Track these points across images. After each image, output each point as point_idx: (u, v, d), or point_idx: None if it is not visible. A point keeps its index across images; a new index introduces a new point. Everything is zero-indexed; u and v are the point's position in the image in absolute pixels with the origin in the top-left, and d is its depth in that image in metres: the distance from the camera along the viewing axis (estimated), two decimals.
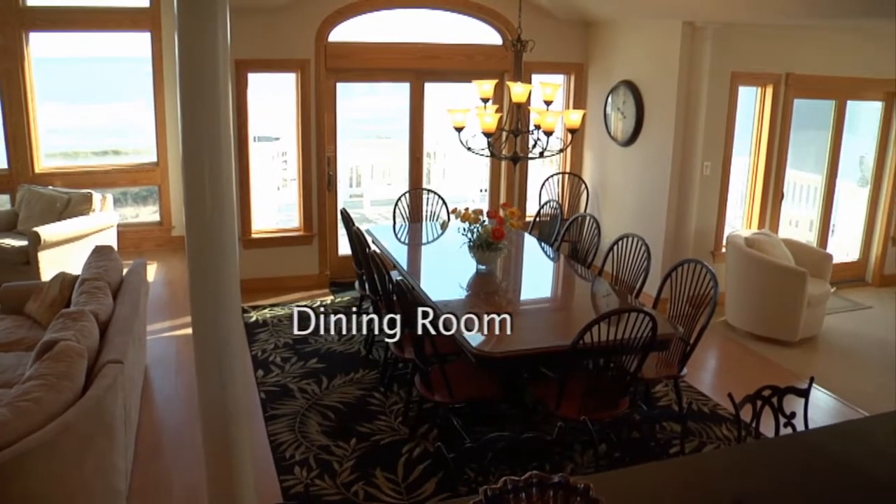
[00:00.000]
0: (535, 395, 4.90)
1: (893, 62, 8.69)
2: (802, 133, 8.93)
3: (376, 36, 8.22)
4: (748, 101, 8.27)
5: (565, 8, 8.38)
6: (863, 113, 9.32)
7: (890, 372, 6.94)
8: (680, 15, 7.35)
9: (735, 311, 7.57)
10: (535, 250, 6.88)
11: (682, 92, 7.57)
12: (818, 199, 9.17)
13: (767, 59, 8.02)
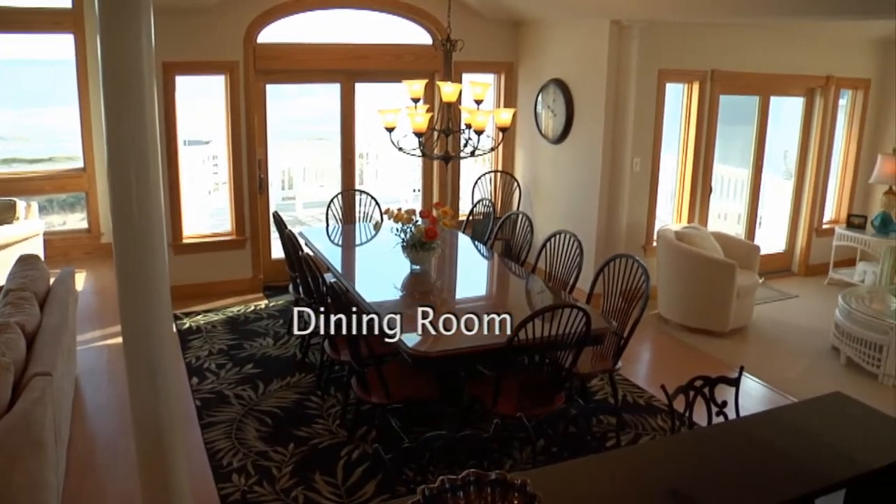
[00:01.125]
0: (472, 394, 4.92)
1: (814, 59, 8.95)
2: (729, 128, 9.12)
3: (306, 37, 8.16)
4: (675, 98, 8.42)
5: (494, 7, 8.42)
6: (786, 108, 9.56)
7: (816, 358, 7.14)
8: (607, 14, 7.44)
9: (667, 304, 7.69)
10: (468, 249, 6.90)
11: (610, 90, 7.66)
12: (745, 193, 9.38)
13: (693, 56, 8.17)
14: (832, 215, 10.03)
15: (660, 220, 8.68)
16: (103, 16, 3.03)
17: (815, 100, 9.35)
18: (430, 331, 4.74)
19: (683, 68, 8.17)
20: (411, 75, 7.01)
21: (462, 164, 9.08)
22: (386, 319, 4.82)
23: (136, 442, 3.51)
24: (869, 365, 6.74)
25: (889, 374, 6.60)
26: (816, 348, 7.35)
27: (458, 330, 4.76)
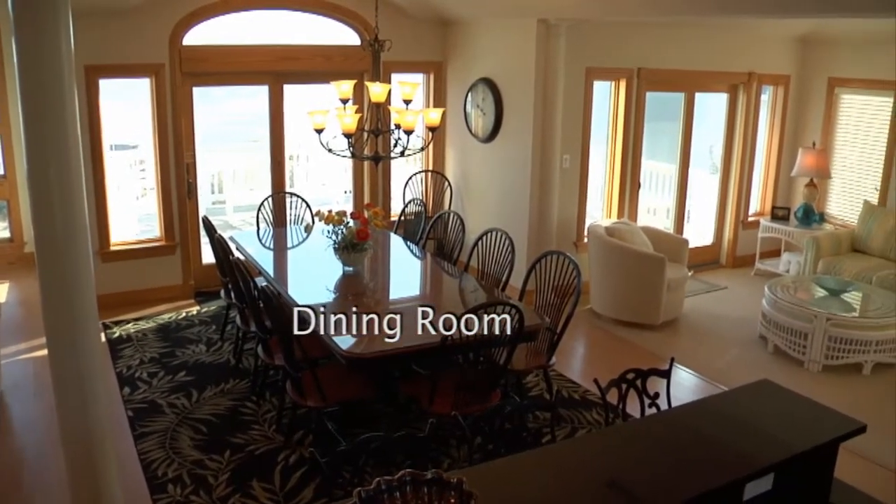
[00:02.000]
0: (408, 394, 4.92)
1: (736, 56, 9.16)
2: (656, 125, 9.27)
3: (233, 38, 8.06)
4: (603, 96, 8.53)
5: (422, 7, 8.43)
6: (710, 104, 9.75)
7: (745, 347, 7.30)
8: (533, 13, 7.51)
9: (599, 299, 7.79)
10: (401, 249, 6.90)
11: (539, 88, 7.73)
12: (673, 188, 9.54)
13: (620, 54, 8.30)
14: (757, 208, 10.26)
15: (590, 216, 8.78)
16: (17, 18, 2.96)
17: (739, 96, 9.56)
18: (364, 332, 4.73)
19: (610, 66, 8.29)
20: (341, 76, 6.97)
21: (393, 164, 9.07)
22: (332, 322, 4.78)
23: (66, 456, 3.44)
24: (795, 352, 6.91)
25: (814, 360, 6.78)
26: (745, 338, 7.51)
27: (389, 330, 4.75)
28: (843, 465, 3.26)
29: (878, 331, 6.72)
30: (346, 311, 5.10)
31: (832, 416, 3.21)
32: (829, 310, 6.84)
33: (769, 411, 3.26)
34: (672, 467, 2.79)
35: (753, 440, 3.00)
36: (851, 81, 9.40)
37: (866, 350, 6.73)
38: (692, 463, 2.82)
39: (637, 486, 2.63)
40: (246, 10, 7.98)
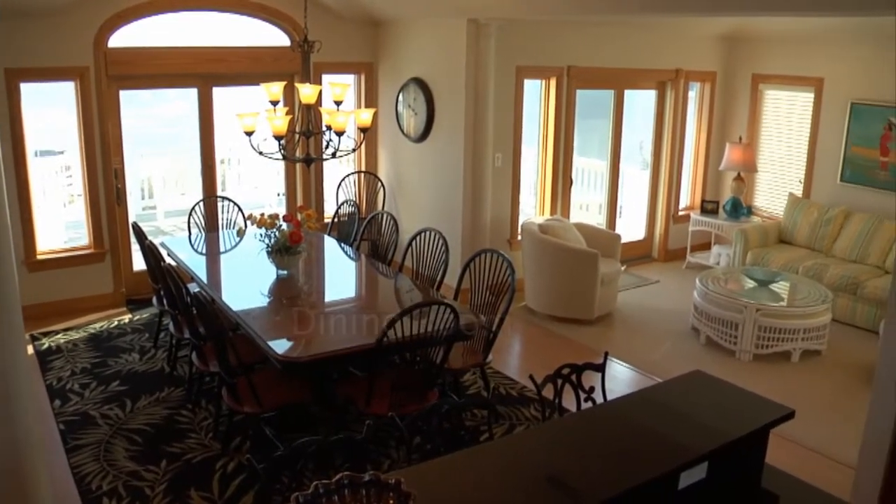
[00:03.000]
0: (345, 396, 4.90)
1: (664, 54, 9.32)
2: (587, 122, 9.39)
3: (160, 40, 7.91)
4: (534, 94, 8.60)
5: (352, 7, 8.39)
6: (639, 101, 9.90)
7: (678, 339, 7.43)
8: (463, 13, 7.53)
9: (534, 296, 7.84)
10: (335, 251, 6.87)
11: (470, 87, 7.76)
12: (605, 184, 9.66)
13: (550, 53, 8.37)
14: (687, 202, 10.45)
15: (524, 213, 8.85)
16: None
17: (667, 92, 9.72)
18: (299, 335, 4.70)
19: (541, 65, 8.35)
20: (271, 77, 6.91)
21: (325, 165, 9.02)
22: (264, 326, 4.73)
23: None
24: (726, 343, 7.05)
25: (745, 350, 6.92)
26: (678, 330, 7.64)
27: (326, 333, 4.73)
28: (774, 450, 3.33)
29: (806, 319, 6.90)
30: (281, 314, 5.05)
31: (762, 404, 3.28)
32: (759, 300, 6.99)
33: (702, 401, 3.32)
34: (609, 459, 2.82)
35: (687, 430, 3.05)
36: (774, 77, 9.64)
37: (794, 338, 6.90)
38: (628, 454, 2.86)
39: (575, 480, 2.65)
40: (172, 11, 7.85)
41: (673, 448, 2.90)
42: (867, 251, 8.23)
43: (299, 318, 5.23)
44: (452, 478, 2.67)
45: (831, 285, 7.80)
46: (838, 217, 8.64)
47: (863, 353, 7.03)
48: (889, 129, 8.43)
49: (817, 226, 8.78)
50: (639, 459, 2.81)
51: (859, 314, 7.80)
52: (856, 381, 6.55)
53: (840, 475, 4.85)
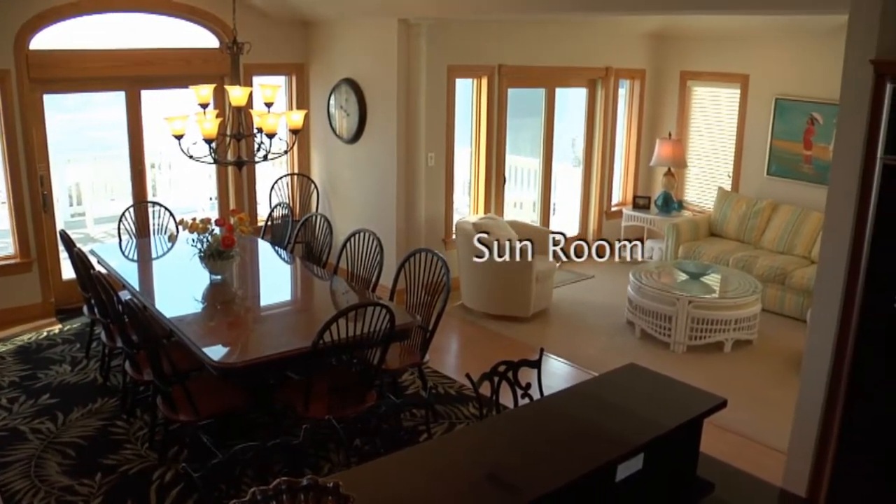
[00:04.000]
0: (283, 400, 4.86)
1: (594, 52, 9.43)
2: (519, 120, 9.45)
3: (86, 43, 7.72)
4: (466, 93, 8.63)
5: (281, 8, 8.32)
6: (571, 98, 10.00)
7: (614, 334, 7.52)
8: (394, 13, 7.52)
9: (470, 294, 7.87)
10: (269, 255, 6.80)
11: (401, 87, 7.75)
12: (538, 181, 9.73)
13: (481, 52, 8.40)
14: (619, 198, 10.59)
15: (458, 212, 8.87)
16: None
17: (597, 90, 9.83)
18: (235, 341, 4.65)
19: (472, 64, 8.38)
20: (200, 80, 6.80)
21: (257, 168, 8.92)
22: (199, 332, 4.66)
23: None
24: (661, 335, 7.16)
25: (679, 341, 7.04)
26: (613, 324, 7.74)
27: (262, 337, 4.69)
28: (709, 438, 3.39)
29: (737, 310, 7.04)
30: (216, 320, 4.99)
31: (696, 394, 3.35)
32: (691, 293, 7.12)
33: (637, 394, 3.37)
34: (547, 454, 2.84)
35: (623, 422, 3.10)
36: (702, 75, 9.83)
37: (726, 329, 7.03)
38: (566, 449, 2.89)
39: (514, 476, 2.67)
40: (97, 12, 7.68)
41: (609, 441, 2.93)
42: (794, 242, 8.44)
43: (234, 324, 5.18)
44: (392, 478, 2.67)
45: (760, 276, 7.98)
46: (766, 210, 8.84)
47: (792, 341, 7.20)
48: (812, 124, 8.66)
49: (746, 218, 8.97)
50: (576, 453, 2.84)
51: (788, 304, 7.99)
52: (786, 368, 6.70)
53: (772, 461, 4.96)
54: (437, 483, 2.66)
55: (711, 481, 3.15)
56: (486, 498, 2.57)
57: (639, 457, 2.90)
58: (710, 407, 3.18)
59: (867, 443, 4.03)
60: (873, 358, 3.93)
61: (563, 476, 2.62)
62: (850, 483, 4.12)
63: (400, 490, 2.60)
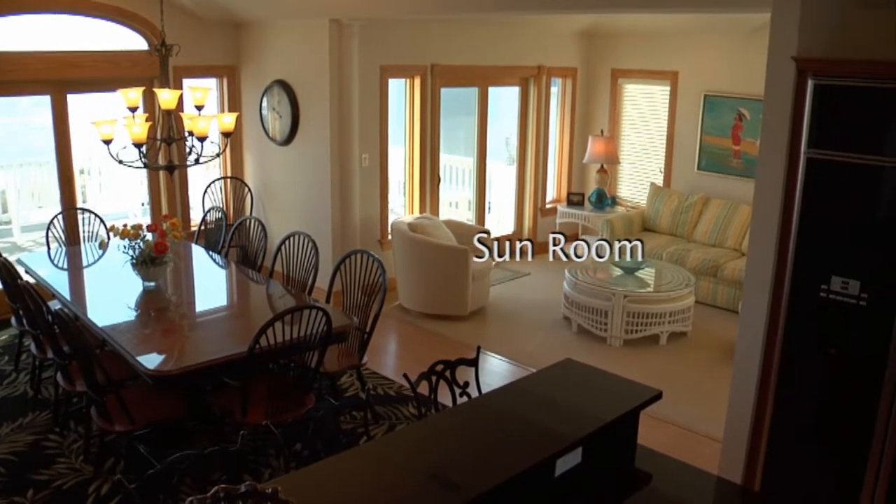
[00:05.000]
0: (221, 407, 4.80)
1: (526, 51, 9.50)
2: (453, 119, 9.47)
3: (7, 45, 7.51)
4: (399, 93, 8.62)
5: (211, 9, 8.21)
6: (504, 97, 10.06)
7: (551, 330, 7.59)
8: (325, 13, 7.48)
9: (407, 294, 7.87)
10: (203, 260, 6.72)
11: (334, 88, 7.72)
12: (472, 180, 9.76)
13: (413, 51, 8.41)
14: (554, 195, 10.68)
15: (394, 213, 8.86)
16: None
17: (530, 88, 9.90)
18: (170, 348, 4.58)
19: (405, 64, 8.38)
20: (129, 83, 6.67)
21: (190, 172, 8.79)
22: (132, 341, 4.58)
23: None
24: (597, 330, 7.25)
25: (615, 336, 7.13)
26: (550, 320, 7.81)
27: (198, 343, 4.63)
28: (647, 430, 3.44)
29: (671, 303, 7.16)
30: (150, 327, 4.92)
31: (632, 387, 3.40)
32: (626, 288, 7.22)
33: (574, 388, 3.41)
34: (486, 452, 2.86)
35: (561, 417, 3.13)
36: (633, 72, 9.97)
37: (661, 322, 7.15)
38: (505, 445, 2.91)
39: (455, 475, 2.68)
40: (19, 13, 7.47)
41: (548, 436, 2.96)
42: (725, 235, 8.61)
43: (169, 331, 5.10)
44: (332, 482, 2.66)
45: (693, 269, 8.12)
46: (697, 204, 9.00)
47: (725, 331, 7.35)
48: (740, 120, 8.84)
49: (678, 213, 9.12)
50: (515, 449, 2.86)
51: (720, 295, 8.15)
52: (720, 359, 6.84)
53: (709, 449, 5.05)
54: (378, 484, 2.66)
55: (649, 472, 3.20)
56: (428, 497, 2.57)
57: (577, 451, 2.93)
58: (646, 399, 3.23)
59: (799, 428, 4.13)
60: (802, 346, 4.04)
61: (503, 473, 2.64)
62: (784, 468, 4.23)
63: (341, 493, 2.59)
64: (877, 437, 3.81)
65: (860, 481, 3.89)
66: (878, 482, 3.84)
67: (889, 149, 3.62)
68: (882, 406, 3.77)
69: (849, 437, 3.92)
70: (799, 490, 4.19)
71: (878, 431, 3.80)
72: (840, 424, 3.96)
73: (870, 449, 3.84)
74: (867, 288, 3.75)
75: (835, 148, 3.75)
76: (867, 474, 3.87)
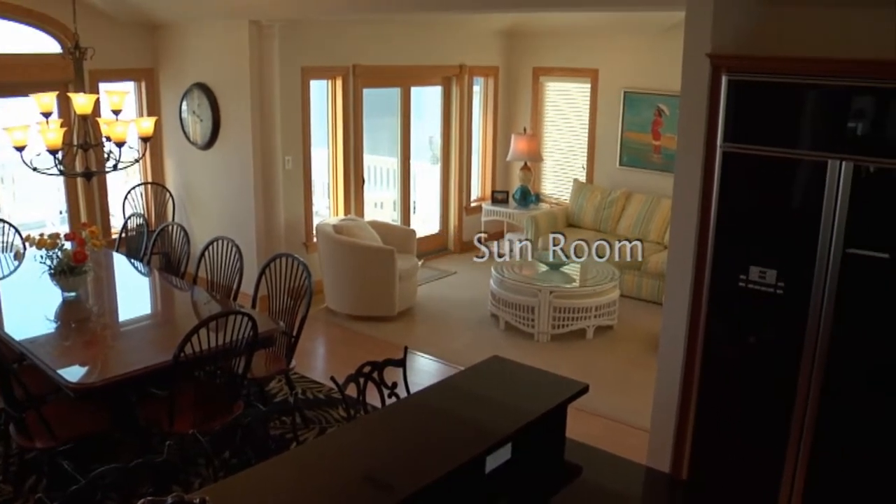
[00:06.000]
0: (148, 418, 4.71)
1: (448, 50, 9.54)
2: (376, 120, 9.45)
3: None
4: (321, 94, 8.57)
5: (126, 10, 8.03)
6: (427, 97, 10.08)
7: (479, 328, 7.63)
8: (244, 14, 7.38)
9: (334, 297, 7.83)
10: (125, 268, 6.58)
11: (255, 90, 7.63)
12: (397, 181, 9.76)
13: (335, 52, 8.37)
14: (478, 193, 10.73)
15: (319, 215, 8.81)
16: None
17: (452, 88, 9.94)
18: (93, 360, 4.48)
19: (326, 65, 8.34)
20: (42, 87, 6.47)
21: (108, 178, 8.59)
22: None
23: None
24: (525, 326, 7.31)
25: (543, 331, 7.20)
26: (478, 318, 7.85)
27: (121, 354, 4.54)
28: (577, 424, 3.49)
29: (597, 297, 7.27)
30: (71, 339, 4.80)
31: (558, 381, 3.44)
32: (552, 283, 7.30)
33: (501, 385, 3.43)
34: (417, 451, 2.86)
35: (490, 414, 3.15)
36: (553, 70, 10.08)
37: (587, 316, 7.25)
38: (435, 444, 2.91)
39: (385, 475, 2.67)
40: None
41: (477, 433, 2.98)
42: (648, 229, 8.77)
43: (91, 342, 4.99)
44: (262, 488, 2.63)
45: (618, 263, 8.24)
46: (620, 199, 9.15)
47: (650, 324, 7.46)
48: (659, 116, 9.01)
49: (601, 208, 9.25)
50: (445, 448, 2.87)
51: (644, 288, 8.29)
52: (646, 350, 6.95)
53: (638, 440, 5.12)
54: (308, 488, 2.64)
55: (579, 465, 3.23)
56: (359, 499, 2.57)
57: (507, 447, 2.95)
58: (573, 393, 3.27)
59: (723, 416, 4.24)
60: (724, 335, 4.15)
61: (433, 472, 2.64)
62: (710, 455, 4.33)
63: (270, 499, 2.56)
64: (795, 423, 3.92)
65: (781, 466, 4.01)
66: (798, 466, 3.96)
67: (801, 142, 3.73)
68: (799, 392, 3.88)
69: (770, 422, 4.03)
70: (725, 476, 4.30)
71: (796, 416, 3.92)
72: (761, 411, 4.07)
73: (789, 434, 3.95)
74: (783, 277, 3.86)
75: (749, 142, 3.86)
76: (787, 459, 3.98)
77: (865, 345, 3.71)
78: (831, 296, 3.72)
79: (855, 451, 3.81)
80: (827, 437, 3.86)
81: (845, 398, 3.79)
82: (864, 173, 3.54)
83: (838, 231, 3.65)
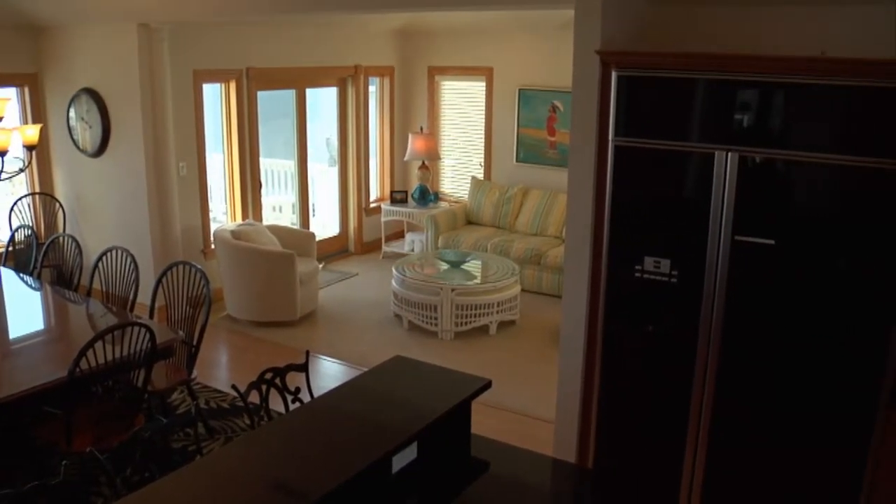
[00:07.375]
0: (45, 438, 4.55)
1: (343, 50, 9.51)
2: (272, 122, 9.35)
3: None
4: (214, 98, 8.42)
5: (6, 12, 7.72)
6: (322, 98, 10.02)
7: (382, 328, 7.63)
8: (131, 17, 7.20)
9: (234, 303, 7.71)
10: (13, 283, 6.34)
11: (146, 95, 7.45)
12: (295, 184, 9.67)
13: (227, 55, 8.24)
14: (377, 194, 10.72)
15: (216, 221, 8.67)
16: None
17: (348, 88, 9.90)
18: None
19: (219, 68, 8.20)
20: None
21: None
22: None
23: None
24: (428, 325, 7.34)
25: (446, 329, 7.25)
26: (381, 319, 7.85)
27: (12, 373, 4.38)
28: (484, 419, 3.52)
29: (498, 293, 7.35)
30: None
31: (462, 378, 3.46)
32: (454, 281, 7.35)
33: (405, 384, 3.44)
34: (323, 455, 2.84)
35: (394, 414, 3.15)
36: (448, 69, 10.14)
37: (490, 312, 7.32)
38: (341, 447, 2.90)
39: (292, 481, 2.65)
40: None
41: (383, 434, 2.97)
42: (546, 224, 8.91)
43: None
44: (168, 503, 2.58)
45: (518, 258, 8.36)
46: (517, 195, 9.27)
47: (552, 317, 7.59)
48: (554, 112, 9.17)
49: (500, 205, 9.36)
50: (350, 450, 2.86)
51: (545, 282, 8.42)
52: (548, 343, 7.06)
53: (544, 432, 5.20)
54: (217, 499, 2.60)
55: (486, 460, 3.26)
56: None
57: (413, 446, 2.96)
58: (476, 389, 3.30)
59: (625, 405, 4.34)
60: (622, 325, 4.25)
61: (341, 474, 2.63)
62: (614, 445, 4.43)
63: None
64: (693, 408, 4.04)
65: (682, 451, 4.13)
66: (697, 451, 4.08)
67: (690, 134, 3.85)
68: (696, 377, 4.00)
69: (670, 409, 4.14)
70: (629, 464, 4.40)
71: (694, 402, 4.04)
72: (661, 398, 4.18)
73: (688, 419, 4.07)
74: (677, 265, 3.98)
75: (640, 135, 3.96)
76: (687, 444, 4.10)
77: (756, 328, 3.85)
78: (722, 282, 3.85)
79: (751, 432, 3.94)
80: (724, 421, 3.99)
81: (739, 381, 3.93)
82: (750, 163, 3.67)
83: (727, 220, 3.77)
